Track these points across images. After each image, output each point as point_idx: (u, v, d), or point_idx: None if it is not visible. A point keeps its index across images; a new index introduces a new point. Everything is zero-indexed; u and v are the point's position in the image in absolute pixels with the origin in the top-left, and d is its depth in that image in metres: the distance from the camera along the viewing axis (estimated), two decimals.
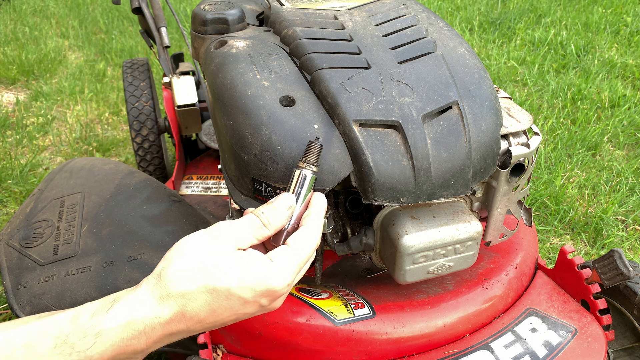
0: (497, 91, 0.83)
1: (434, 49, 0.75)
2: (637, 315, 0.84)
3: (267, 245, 0.62)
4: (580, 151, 1.83)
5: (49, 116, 2.17)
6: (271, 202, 0.60)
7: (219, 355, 0.78)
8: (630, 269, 0.76)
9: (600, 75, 2.37)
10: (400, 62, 0.72)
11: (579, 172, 1.74)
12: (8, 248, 0.85)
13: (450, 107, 0.68)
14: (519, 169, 0.75)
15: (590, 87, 2.24)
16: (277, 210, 0.59)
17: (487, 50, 2.71)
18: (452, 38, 0.79)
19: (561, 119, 2.03)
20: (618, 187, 1.66)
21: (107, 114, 2.21)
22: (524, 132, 0.77)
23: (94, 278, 0.78)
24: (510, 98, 0.84)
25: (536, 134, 0.77)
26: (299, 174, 0.60)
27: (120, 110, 2.25)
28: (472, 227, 0.72)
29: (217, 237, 0.56)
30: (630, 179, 1.68)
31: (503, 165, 0.74)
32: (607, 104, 2.13)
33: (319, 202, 0.61)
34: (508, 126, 0.75)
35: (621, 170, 1.72)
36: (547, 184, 1.66)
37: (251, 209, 0.61)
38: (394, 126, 0.65)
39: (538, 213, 1.59)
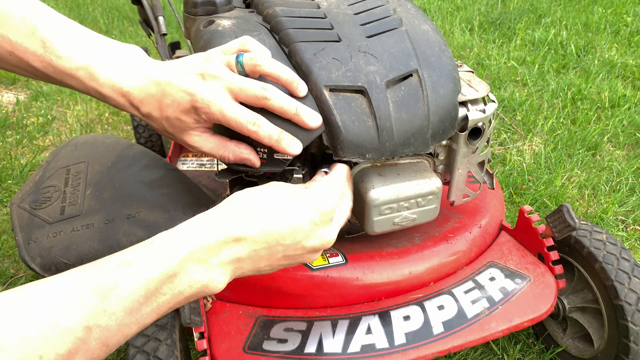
0: (460, 66, 0.92)
1: (399, 25, 0.83)
2: (583, 265, 0.91)
3: None
4: (580, 151, 1.81)
5: (49, 116, 2.17)
6: None
7: (209, 301, 0.86)
8: (577, 220, 0.84)
9: (601, 75, 2.35)
10: (368, 37, 0.81)
11: (579, 172, 1.72)
12: (19, 210, 0.94)
13: (411, 75, 0.77)
14: (476, 133, 0.84)
15: (590, 87, 2.23)
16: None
17: (487, 50, 2.68)
18: (418, 17, 0.88)
19: (561, 119, 2.02)
20: (618, 187, 1.64)
21: (107, 114, 2.22)
22: (483, 99, 0.86)
23: (97, 233, 0.87)
24: (472, 72, 0.92)
25: (492, 101, 0.86)
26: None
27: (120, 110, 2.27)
28: (432, 182, 0.80)
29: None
30: (630, 179, 1.67)
31: (462, 129, 0.82)
32: (607, 104, 2.11)
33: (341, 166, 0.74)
34: (467, 94, 0.83)
35: (621, 170, 1.71)
36: (547, 184, 1.64)
37: None
38: (361, 91, 0.74)
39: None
